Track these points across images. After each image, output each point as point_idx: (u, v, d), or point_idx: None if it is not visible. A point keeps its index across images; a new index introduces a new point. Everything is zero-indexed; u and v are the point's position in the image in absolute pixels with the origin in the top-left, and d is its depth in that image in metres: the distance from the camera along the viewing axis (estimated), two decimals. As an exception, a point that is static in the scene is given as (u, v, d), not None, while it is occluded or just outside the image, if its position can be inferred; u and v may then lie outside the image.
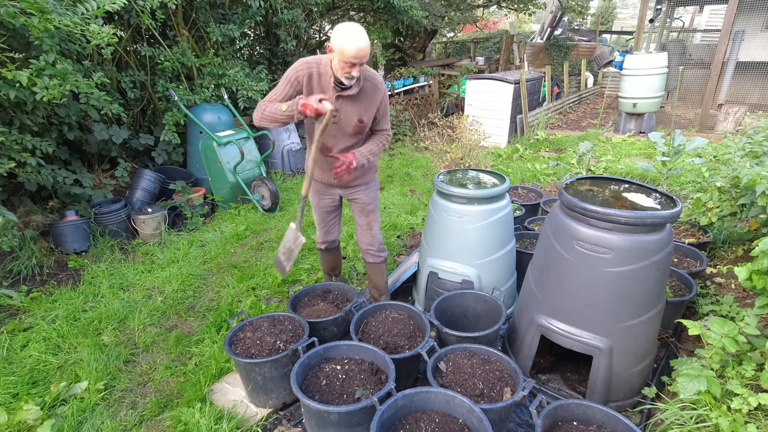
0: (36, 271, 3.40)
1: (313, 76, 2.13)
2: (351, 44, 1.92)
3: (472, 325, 2.45)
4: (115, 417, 2.12)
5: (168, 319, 2.87)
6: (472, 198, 2.48)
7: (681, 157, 3.73)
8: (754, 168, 2.50)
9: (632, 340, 1.92)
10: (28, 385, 2.25)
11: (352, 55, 1.93)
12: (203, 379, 2.25)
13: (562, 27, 14.14)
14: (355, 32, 1.94)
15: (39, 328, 2.69)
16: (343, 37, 1.93)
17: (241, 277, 3.28)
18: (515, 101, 7.08)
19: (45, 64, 2.86)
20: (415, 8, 6.47)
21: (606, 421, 1.66)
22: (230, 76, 4.68)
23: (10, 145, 3.19)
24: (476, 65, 11.27)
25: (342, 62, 1.98)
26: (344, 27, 1.96)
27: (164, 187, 4.39)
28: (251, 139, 4.72)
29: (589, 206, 1.81)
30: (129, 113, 4.54)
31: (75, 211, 3.78)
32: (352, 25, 1.96)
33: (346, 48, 1.92)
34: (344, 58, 1.95)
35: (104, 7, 2.85)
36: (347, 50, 1.93)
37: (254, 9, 4.87)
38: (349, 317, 2.33)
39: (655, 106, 7.16)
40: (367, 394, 1.79)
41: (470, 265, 2.57)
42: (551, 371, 2.32)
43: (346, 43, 1.92)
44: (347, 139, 2.31)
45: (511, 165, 5.87)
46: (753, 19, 7.95)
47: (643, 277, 1.81)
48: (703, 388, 1.71)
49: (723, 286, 2.85)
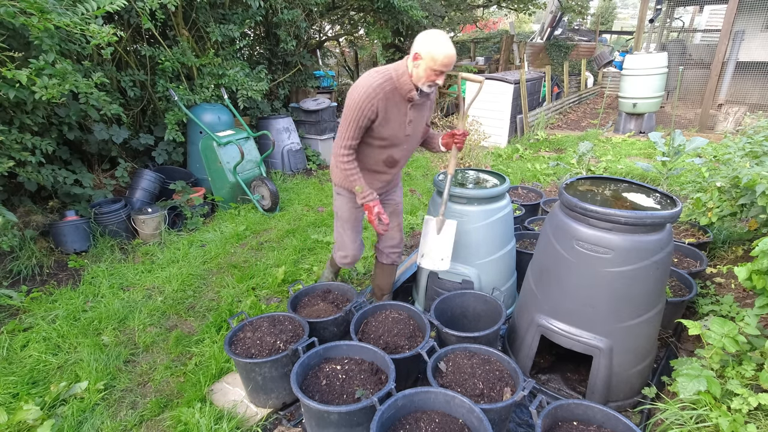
0: (36, 271, 3.40)
1: (388, 97, 2.04)
2: (442, 52, 1.90)
3: (472, 325, 2.45)
4: (115, 417, 2.11)
5: (168, 319, 2.87)
6: (472, 198, 2.48)
7: (681, 157, 3.74)
8: (754, 168, 2.50)
9: (632, 340, 1.92)
10: (28, 385, 2.25)
11: (443, 63, 1.92)
12: (203, 379, 2.25)
13: (562, 27, 14.14)
14: (445, 40, 1.93)
15: (39, 328, 2.69)
16: (433, 45, 1.91)
17: (241, 277, 3.28)
18: (515, 101, 7.08)
19: (44, 64, 2.86)
20: (415, 8, 6.46)
21: (606, 421, 1.66)
22: (230, 76, 4.68)
23: (10, 145, 3.19)
24: (476, 65, 11.27)
25: (431, 70, 1.95)
26: (433, 35, 1.94)
27: (164, 187, 4.39)
28: (251, 139, 4.72)
29: (589, 206, 1.81)
30: (129, 113, 4.54)
31: (75, 211, 3.78)
32: (440, 33, 1.95)
33: (438, 56, 1.90)
34: (435, 66, 1.93)
35: (104, 8, 2.84)
36: (439, 58, 1.91)
37: (254, 9, 4.87)
38: (349, 317, 2.33)
39: (655, 106, 7.16)
40: (367, 394, 1.79)
41: (470, 265, 2.57)
42: (551, 371, 2.32)
43: (437, 51, 1.90)
44: (415, 145, 2.36)
45: (511, 165, 5.87)
46: (753, 19, 7.95)
47: (643, 277, 1.81)
48: (703, 388, 1.71)
49: (723, 286, 2.85)
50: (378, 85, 1.99)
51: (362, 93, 1.98)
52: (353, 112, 2.02)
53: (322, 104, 6.07)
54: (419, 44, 1.94)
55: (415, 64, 1.98)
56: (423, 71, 1.97)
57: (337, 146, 2.14)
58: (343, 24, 8.50)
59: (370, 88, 1.98)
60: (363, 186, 2.18)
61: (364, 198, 2.20)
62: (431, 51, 1.91)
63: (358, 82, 2.04)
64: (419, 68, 1.97)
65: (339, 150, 2.12)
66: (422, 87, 2.03)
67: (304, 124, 6.26)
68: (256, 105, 5.84)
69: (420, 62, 1.95)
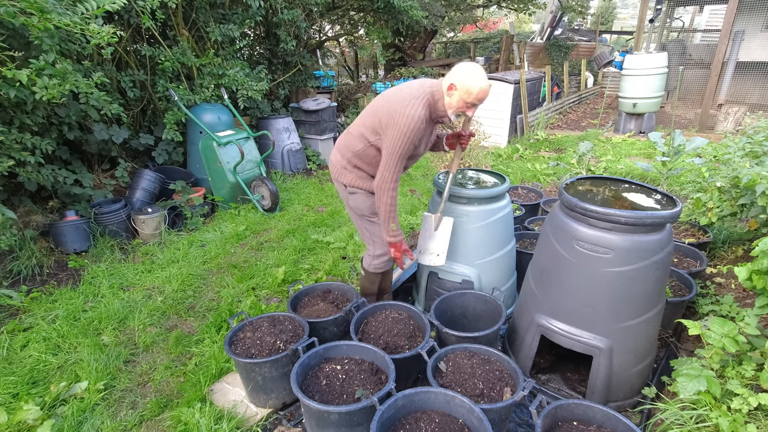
0: (36, 271, 3.40)
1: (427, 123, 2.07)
2: (478, 86, 1.94)
3: (472, 325, 2.45)
4: (115, 417, 2.11)
5: (168, 319, 2.87)
6: (472, 198, 2.48)
7: (681, 157, 3.73)
8: (754, 168, 2.50)
9: (632, 340, 1.92)
10: (28, 385, 2.25)
11: (477, 97, 1.97)
12: (203, 379, 2.25)
13: (562, 27, 14.14)
14: (482, 75, 1.96)
15: (39, 328, 2.69)
16: (470, 78, 1.94)
17: (241, 277, 3.28)
18: (515, 101, 7.08)
19: (45, 64, 2.86)
20: (415, 8, 6.47)
21: (606, 421, 1.66)
22: (230, 76, 4.68)
23: (10, 144, 3.19)
24: (476, 65, 11.25)
25: (463, 102, 1.99)
26: (471, 68, 1.96)
27: (164, 187, 4.39)
28: (251, 139, 4.72)
29: (589, 206, 1.81)
30: (129, 113, 4.54)
31: (75, 211, 3.78)
32: (476, 67, 1.98)
33: (474, 89, 1.94)
34: (469, 99, 1.97)
35: (104, 7, 2.84)
36: (474, 92, 1.95)
37: (254, 9, 4.87)
38: (349, 317, 2.33)
39: (655, 106, 7.16)
40: (367, 394, 1.79)
41: (470, 265, 2.57)
42: (551, 371, 2.32)
43: (474, 84, 1.94)
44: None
45: (511, 165, 5.87)
46: (753, 19, 7.95)
47: (643, 277, 1.81)
48: (703, 388, 1.71)
49: (723, 286, 2.85)
50: (423, 117, 1.99)
51: (410, 126, 1.96)
52: (403, 145, 2.00)
53: (322, 104, 6.07)
54: (456, 75, 1.96)
55: (449, 93, 2.01)
56: (456, 101, 2.00)
57: (386, 180, 2.08)
58: (343, 24, 8.51)
59: (419, 121, 1.98)
60: (397, 224, 2.22)
61: (395, 237, 2.22)
62: (467, 84, 1.94)
63: (401, 110, 1.97)
64: (452, 98, 2.00)
65: (390, 185, 2.09)
66: (451, 115, 2.06)
67: (304, 124, 6.26)
68: (256, 105, 5.84)
69: (454, 92, 1.99)
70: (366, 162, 2.23)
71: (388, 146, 2.03)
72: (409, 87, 2.05)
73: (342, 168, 2.28)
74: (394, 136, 1.99)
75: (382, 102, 2.10)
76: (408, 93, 2.01)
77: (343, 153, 2.28)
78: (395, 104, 2.00)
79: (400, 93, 2.04)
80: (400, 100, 1.99)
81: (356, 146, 2.21)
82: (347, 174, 2.28)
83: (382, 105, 2.09)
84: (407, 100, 1.98)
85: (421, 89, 2.02)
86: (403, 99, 1.99)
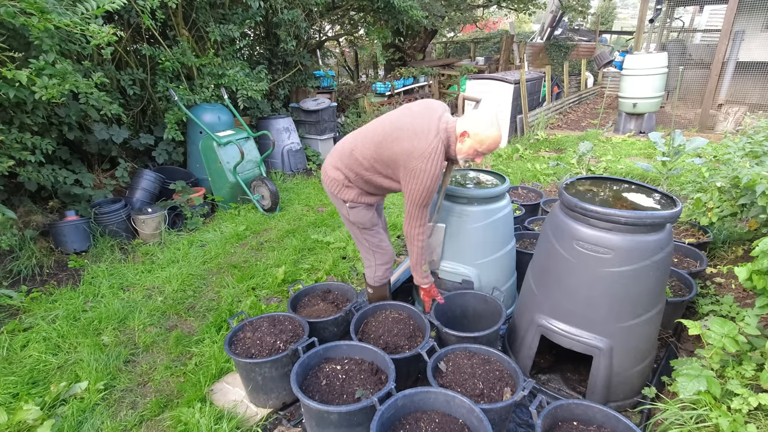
0: (36, 271, 3.40)
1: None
2: (491, 137, 1.99)
3: (472, 324, 2.45)
4: (115, 417, 2.11)
5: (168, 319, 2.87)
6: (472, 198, 2.48)
7: (681, 157, 3.73)
8: (754, 168, 2.50)
9: (632, 340, 1.92)
10: (28, 385, 2.25)
11: (489, 147, 2.02)
12: (203, 379, 2.25)
13: (562, 27, 14.14)
14: (496, 126, 2.00)
15: (39, 328, 2.69)
16: (485, 129, 1.97)
17: (241, 277, 3.28)
18: (515, 101, 7.08)
19: (44, 64, 2.86)
20: (415, 8, 6.47)
21: (606, 421, 1.66)
22: (230, 76, 4.68)
23: (10, 144, 3.19)
24: (476, 65, 11.27)
25: (474, 150, 2.02)
26: (486, 118, 1.99)
27: (164, 187, 4.39)
28: (251, 139, 4.72)
29: (589, 206, 1.81)
30: (129, 113, 4.54)
31: (75, 211, 3.78)
32: (491, 116, 2.01)
33: (486, 140, 1.99)
34: (480, 148, 2.01)
35: (104, 7, 2.84)
36: (486, 142, 1.99)
37: (254, 9, 4.87)
38: (349, 317, 2.33)
39: (655, 106, 7.16)
40: (367, 394, 1.79)
41: (470, 265, 2.57)
42: (551, 371, 2.32)
43: (486, 135, 1.98)
44: None
45: (511, 165, 5.87)
46: (753, 19, 7.94)
47: (643, 277, 1.81)
48: (703, 388, 1.71)
49: (723, 286, 2.85)
50: (441, 163, 1.99)
51: (431, 180, 1.96)
52: (425, 196, 2.01)
53: (322, 104, 6.07)
54: (471, 124, 1.99)
55: (461, 140, 2.03)
56: (467, 148, 2.03)
57: (414, 227, 2.10)
58: (343, 24, 8.51)
59: (439, 174, 1.99)
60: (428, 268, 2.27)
61: (427, 280, 2.29)
62: (481, 134, 1.98)
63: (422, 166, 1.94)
64: (464, 144, 2.03)
65: (418, 230, 2.11)
66: (460, 160, 2.10)
67: (304, 124, 6.26)
68: (256, 105, 5.84)
69: (467, 140, 2.01)
70: (374, 186, 2.21)
71: (411, 198, 2.03)
72: (422, 124, 1.98)
73: (343, 186, 2.22)
74: (416, 189, 1.99)
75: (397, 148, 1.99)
76: (425, 143, 1.94)
77: (345, 173, 2.19)
78: (413, 157, 1.95)
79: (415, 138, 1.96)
80: (418, 154, 1.94)
81: (364, 174, 2.15)
82: (349, 191, 2.22)
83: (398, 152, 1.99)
84: (426, 154, 1.93)
85: (437, 136, 1.96)
86: (422, 153, 1.94)
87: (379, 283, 2.50)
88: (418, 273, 2.27)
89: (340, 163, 2.20)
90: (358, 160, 2.13)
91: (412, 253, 2.21)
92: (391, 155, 2.02)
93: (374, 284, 2.50)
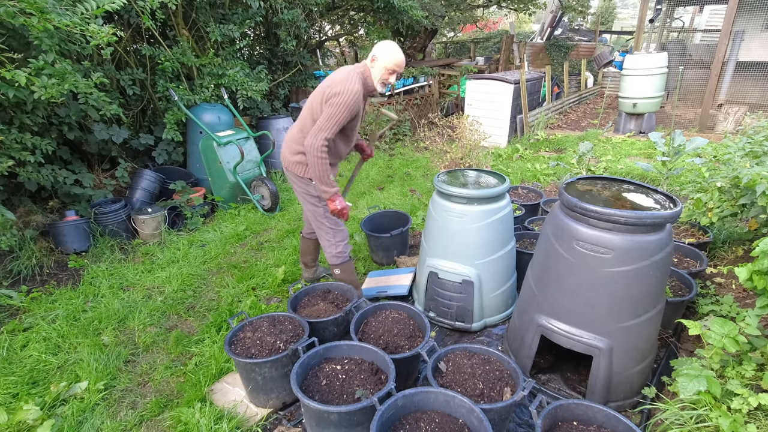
0: (36, 271, 3.40)
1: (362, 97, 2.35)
2: (395, 54, 2.31)
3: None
4: (115, 417, 2.11)
5: (168, 319, 2.87)
6: (472, 198, 2.48)
7: (681, 157, 3.73)
8: (754, 168, 2.50)
9: (632, 340, 1.92)
10: (28, 385, 2.25)
11: (397, 65, 2.32)
12: (203, 379, 2.25)
13: (562, 27, 14.13)
14: (396, 46, 2.34)
15: (39, 328, 2.69)
16: (387, 50, 2.31)
17: (241, 277, 3.28)
18: (515, 101, 7.08)
19: (44, 64, 2.86)
20: (415, 8, 6.46)
21: (606, 421, 1.66)
22: (230, 76, 4.68)
23: (10, 144, 3.19)
24: (476, 65, 11.26)
25: (386, 69, 2.32)
26: (387, 42, 2.35)
27: (164, 187, 4.39)
28: (251, 139, 4.72)
29: (589, 206, 1.81)
30: (129, 113, 4.54)
31: (75, 211, 3.78)
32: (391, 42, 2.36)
33: (392, 57, 2.30)
34: (390, 65, 2.31)
35: (104, 7, 2.84)
36: (393, 59, 2.30)
37: (254, 9, 4.87)
38: (349, 317, 2.33)
39: (655, 106, 7.16)
40: (367, 394, 1.79)
41: (470, 265, 2.57)
42: (551, 371, 2.32)
43: (391, 52, 2.30)
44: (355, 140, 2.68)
45: (511, 165, 5.87)
46: (753, 19, 7.94)
47: (643, 277, 1.81)
48: (703, 388, 1.71)
49: (723, 286, 2.85)
50: (360, 90, 2.29)
51: (350, 97, 2.23)
52: (342, 112, 2.24)
53: (322, 104, 6.05)
54: (377, 50, 2.32)
55: (372, 65, 2.35)
56: (378, 70, 2.33)
57: (318, 138, 2.25)
58: (343, 24, 8.51)
59: (357, 93, 2.26)
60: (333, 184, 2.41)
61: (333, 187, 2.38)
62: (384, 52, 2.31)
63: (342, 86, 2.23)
64: (375, 68, 2.34)
65: (320, 142, 2.25)
66: (377, 86, 2.37)
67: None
68: (256, 105, 5.84)
69: (376, 63, 2.33)
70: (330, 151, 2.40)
71: (329, 112, 2.24)
72: (340, 72, 2.33)
73: (302, 164, 2.46)
74: (336, 103, 2.22)
75: (318, 92, 2.35)
76: (344, 74, 2.29)
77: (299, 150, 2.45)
78: (334, 84, 2.26)
79: (335, 76, 2.31)
80: (338, 81, 2.26)
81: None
82: (316, 166, 2.35)
83: (319, 94, 2.34)
84: (345, 78, 2.26)
85: (353, 70, 2.32)
86: (341, 79, 2.26)
87: (343, 259, 2.65)
88: (326, 183, 2.35)
89: (298, 146, 2.45)
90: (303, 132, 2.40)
91: (315, 167, 2.29)
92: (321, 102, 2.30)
93: (338, 262, 2.65)
